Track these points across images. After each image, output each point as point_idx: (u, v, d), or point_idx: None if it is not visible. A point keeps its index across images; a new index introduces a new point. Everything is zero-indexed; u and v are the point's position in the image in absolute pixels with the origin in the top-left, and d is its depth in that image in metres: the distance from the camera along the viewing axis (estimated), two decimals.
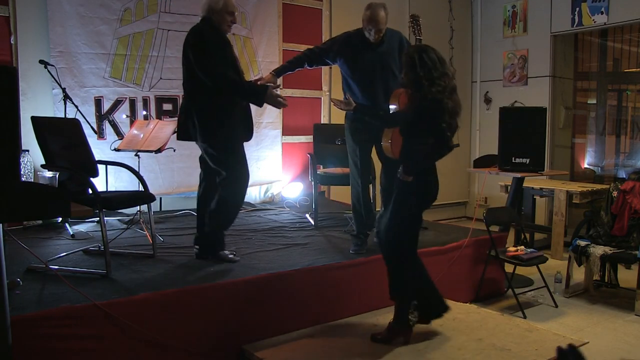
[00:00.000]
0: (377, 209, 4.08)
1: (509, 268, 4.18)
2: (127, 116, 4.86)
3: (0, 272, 2.01)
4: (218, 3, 3.24)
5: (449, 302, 3.65)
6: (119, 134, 4.83)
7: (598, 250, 4.08)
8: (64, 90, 4.22)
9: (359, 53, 3.55)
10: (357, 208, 3.74)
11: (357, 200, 3.73)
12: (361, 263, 3.49)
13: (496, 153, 4.51)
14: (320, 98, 6.08)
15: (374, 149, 3.75)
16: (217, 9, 3.24)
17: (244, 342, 2.94)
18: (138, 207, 4.16)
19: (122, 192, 3.95)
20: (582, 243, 4.19)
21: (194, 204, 5.24)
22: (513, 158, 4.36)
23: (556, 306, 4.02)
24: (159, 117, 4.96)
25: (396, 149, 3.16)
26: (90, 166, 3.51)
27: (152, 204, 3.52)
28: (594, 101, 6.82)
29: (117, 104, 4.84)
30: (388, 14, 3.50)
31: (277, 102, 3.33)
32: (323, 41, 5.97)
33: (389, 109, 3.31)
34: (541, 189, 5.59)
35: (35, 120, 3.25)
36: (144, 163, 4.40)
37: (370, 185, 4.00)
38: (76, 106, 4.28)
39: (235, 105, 3.29)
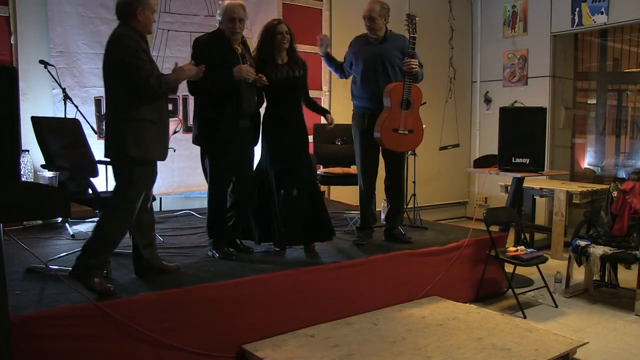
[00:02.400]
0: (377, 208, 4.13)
1: (509, 268, 4.18)
2: None
3: (0, 272, 2.01)
4: (220, 12, 3.37)
5: (449, 302, 3.68)
6: None
7: (598, 250, 4.08)
8: (64, 90, 4.22)
9: (363, 48, 3.88)
10: (362, 203, 3.96)
11: (361, 196, 3.95)
12: (361, 263, 3.49)
13: (496, 153, 4.51)
14: (321, 98, 6.07)
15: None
16: (221, 19, 3.38)
17: (244, 342, 2.94)
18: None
19: None
20: (582, 243, 4.19)
21: (194, 204, 5.30)
22: (513, 158, 4.36)
23: (556, 306, 4.02)
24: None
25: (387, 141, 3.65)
26: (90, 166, 3.50)
27: (152, 203, 3.52)
28: (594, 101, 6.81)
29: None
30: (387, 9, 3.84)
31: (247, 75, 3.25)
32: None
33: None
34: (541, 189, 5.59)
35: (35, 120, 3.25)
36: None
37: None
38: (76, 106, 4.28)
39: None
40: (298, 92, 3.65)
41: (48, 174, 4.12)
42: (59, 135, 3.39)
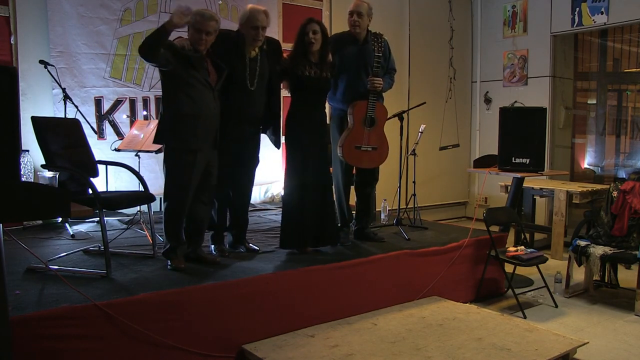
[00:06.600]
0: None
1: (509, 268, 4.18)
2: (127, 116, 4.86)
3: (0, 272, 2.01)
4: (243, 18, 3.33)
5: (449, 302, 3.67)
6: (119, 134, 4.83)
7: (598, 250, 4.08)
8: (64, 90, 4.23)
9: (347, 50, 3.83)
10: (340, 203, 3.98)
11: (340, 197, 3.97)
12: (361, 263, 3.49)
13: (496, 153, 4.51)
14: None
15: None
16: (242, 23, 3.34)
17: (244, 342, 2.94)
18: (138, 207, 4.16)
19: (122, 192, 3.94)
20: (582, 243, 4.19)
21: None
22: (513, 158, 4.36)
23: (556, 306, 4.02)
24: (159, 117, 4.95)
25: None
26: (90, 166, 3.51)
27: (152, 204, 3.52)
28: (594, 101, 6.82)
29: (117, 104, 4.84)
30: (371, 10, 3.84)
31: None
32: None
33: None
34: (541, 189, 5.59)
35: (35, 120, 3.25)
36: (144, 163, 4.41)
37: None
38: (76, 106, 4.28)
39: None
40: (324, 93, 3.68)
41: (48, 174, 4.11)
42: (59, 135, 3.39)
